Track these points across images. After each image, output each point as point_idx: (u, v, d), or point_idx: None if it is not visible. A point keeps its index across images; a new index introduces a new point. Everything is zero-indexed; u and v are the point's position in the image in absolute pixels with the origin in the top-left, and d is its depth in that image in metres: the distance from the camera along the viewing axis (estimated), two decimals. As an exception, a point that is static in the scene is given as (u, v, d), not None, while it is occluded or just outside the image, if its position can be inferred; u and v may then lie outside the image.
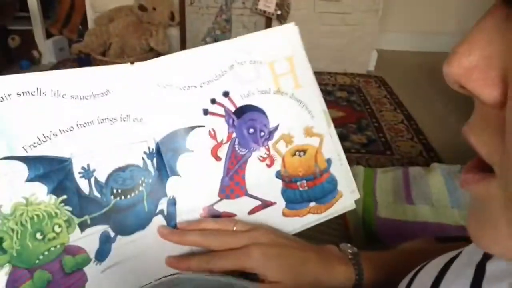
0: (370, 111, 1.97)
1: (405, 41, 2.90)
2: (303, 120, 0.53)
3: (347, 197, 0.54)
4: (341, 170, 0.54)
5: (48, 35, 2.42)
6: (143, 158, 0.46)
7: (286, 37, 0.54)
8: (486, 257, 0.34)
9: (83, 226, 0.41)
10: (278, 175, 0.51)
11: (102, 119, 0.44)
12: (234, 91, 0.50)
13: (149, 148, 0.47)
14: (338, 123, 1.81)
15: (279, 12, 2.31)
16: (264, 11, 2.32)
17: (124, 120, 0.46)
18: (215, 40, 2.44)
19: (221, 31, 2.42)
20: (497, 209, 0.20)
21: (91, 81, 0.45)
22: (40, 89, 0.42)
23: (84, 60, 2.16)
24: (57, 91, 0.43)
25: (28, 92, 0.41)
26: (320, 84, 0.57)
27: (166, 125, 0.48)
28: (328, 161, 0.54)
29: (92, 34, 2.17)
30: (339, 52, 2.43)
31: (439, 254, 0.43)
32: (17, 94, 0.40)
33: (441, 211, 0.98)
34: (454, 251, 0.42)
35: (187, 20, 2.38)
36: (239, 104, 0.51)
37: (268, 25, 2.37)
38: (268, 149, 0.51)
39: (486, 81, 0.19)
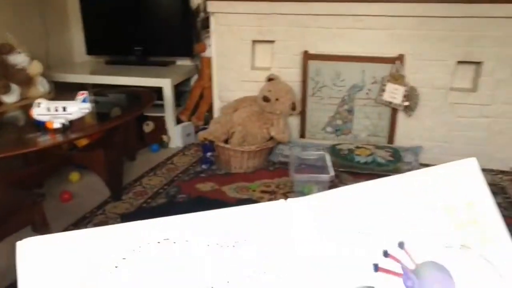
0: (521, 219, 1.66)
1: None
2: (493, 286, 0.39)
3: None
4: None
5: (178, 121, 2.59)
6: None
7: (465, 176, 0.43)
8: None
9: None
10: None
11: (252, 274, 0.36)
12: (411, 242, 0.38)
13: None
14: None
15: (406, 103, 2.18)
16: (390, 102, 2.21)
17: (277, 276, 0.36)
18: (336, 130, 2.37)
19: (342, 121, 2.35)
20: None
21: (237, 222, 0.38)
22: (181, 235, 0.36)
23: (207, 147, 2.23)
24: (203, 237, 0.36)
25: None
26: None
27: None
28: None
29: (217, 122, 2.26)
30: (477, 146, 2.17)
31: None
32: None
33: None
34: None
35: (308, 110, 2.37)
36: (418, 260, 0.38)
37: (393, 116, 2.25)
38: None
39: None
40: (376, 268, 0.38)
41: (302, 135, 2.42)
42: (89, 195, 1.91)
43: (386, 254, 0.38)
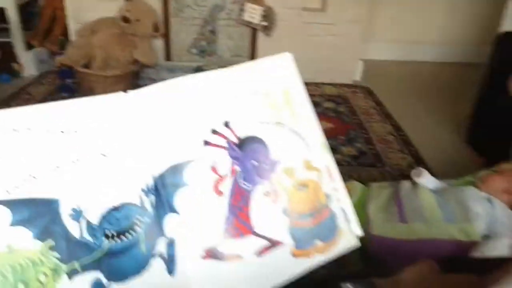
0: (359, 122, 1.96)
1: (390, 51, 2.91)
2: (302, 153, 0.51)
3: (349, 234, 0.51)
4: (341, 205, 0.52)
5: (29, 47, 2.35)
6: (140, 196, 0.42)
7: (282, 68, 0.53)
8: None
9: (71, 274, 0.38)
10: (285, 211, 0.48)
11: (94, 155, 0.41)
12: (235, 121, 0.48)
13: (146, 184, 0.43)
14: (327, 134, 1.77)
15: (264, 23, 2.29)
16: (250, 22, 2.30)
17: (118, 156, 0.42)
18: (201, 51, 2.40)
19: (207, 42, 2.39)
20: None
21: (82, 112, 0.42)
22: (24, 123, 0.39)
23: (66, 73, 2.10)
24: (44, 125, 0.40)
25: (10, 128, 0.38)
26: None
27: (164, 159, 0.44)
28: (328, 196, 0.51)
29: (75, 46, 2.12)
30: (325, 62, 2.42)
31: (442, 286, 0.41)
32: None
33: (435, 227, 0.97)
34: None
35: (171, 31, 2.34)
36: (241, 134, 0.48)
37: (253, 36, 2.35)
38: (272, 183, 0.48)
39: None
40: (206, 143, 0.46)
41: (168, 58, 2.41)
42: None
43: (214, 131, 0.46)
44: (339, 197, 0.52)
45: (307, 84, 0.55)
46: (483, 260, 0.86)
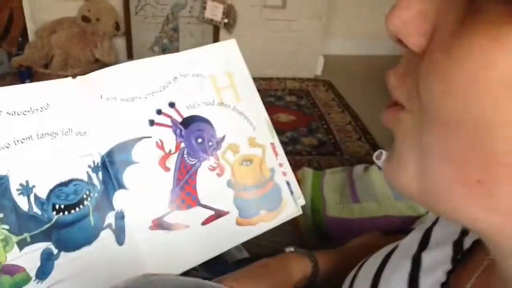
0: (320, 114, 2.03)
1: (349, 46, 3.00)
2: (246, 131, 0.54)
3: (293, 204, 0.55)
4: (285, 179, 0.56)
5: (-15, 48, 2.30)
6: (87, 172, 0.45)
7: (226, 53, 0.56)
8: (421, 248, 0.37)
9: (22, 244, 0.40)
10: (229, 184, 0.51)
11: (42, 134, 0.43)
12: (180, 102, 0.51)
13: (93, 161, 0.46)
14: (289, 127, 1.84)
15: (226, 21, 2.32)
16: (211, 20, 2.33)
17: (66, 134, 0.45)
18: (163, 49, 2.41)
19: (169, 40, 2.40)
20: (407, 144, 0.23)
21: (29, 96, 0.44)
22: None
23: (25, 74, 2.07)
24: None
25: None
26: (270, 89, 0.59)
27: (111, 138, 0.47)
28: (272, 171, 0.55)
29: (33, 46, 2.09)
30: (287, 58, 2.47)
31: (382, 247, 0.46)
32: None
33: (386, 204, 1.03)
34: (392, 243, 0.44)
35: (133, 30, 2.34)
36: (186, 114, 0.51)
37: (216, 33, 2.38)
38: (217, 159, 0.51)
39: (418, 32, 0.22)
40: (152, 123, 0.49)
41: (130, 56, 2.40)
42: None
43: (159, 112, 0.50)
44: (284, 171, 0.56)
45: (270, 79, 0.58)
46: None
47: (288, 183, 0.56)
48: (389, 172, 0.25)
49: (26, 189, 0.41)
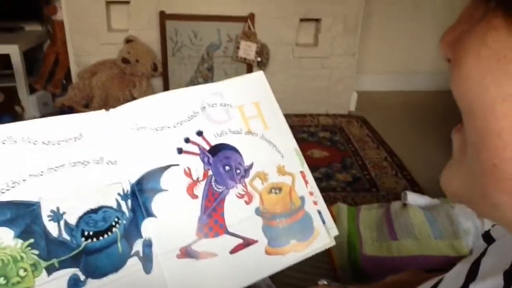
0: (354, 150, 2.00)
1: (382, 82, 2.99)
2: (274, 159, 0.54)
3: (326, 234, 0.54)
4: (317, 208, 0.54)
5: (33, 90, 2.44)
6: (117, 200, 0.45)
7: (253, 84, 0.57)
8: (469, 280, 0.34)
9: (50, 270, 0.40)
10: (258, 212, 0.50)
11: (74, 163, 0.44)
12: (207, 130, 0.51)
13: (123, 189, 0.46)
14: (322, 163, 1.82)
15: (259, 59, 2.37)
16: (245, 59, 2.39)
17: (98, 163, 0.46)
18: (198, 88, 2.48)
19: (204, 79, 2.46)
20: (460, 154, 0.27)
21: (63, 127, 0.46)
22: (11, 137, 0.43)
23: (67, 113, 2.16)
24: (28, 137, 0.44)
25: None
26: (303, 125, 0.59)
27: (140, 166, 0.48)
28: (302, 199, 0.54)
29: (75, 87, 2.20)
30: (320, 94, 2.48)
31: (422, 283, 0.43)
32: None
33: (425, 243, 0.98)
34: (436, 277, 0.41)
35: (169, 70, 2.43)
36: (213, 143, 0.51)
37: (249, 72, 2.43)
38: (245, 186, 0.51)
39: None
40: (180, 151, 0.49)
41: (166, 96, 2.48)
42: None
43: (187, 140, 0.50)
44: (315, 200, 0.55)
45: (303, 116, 0.59)
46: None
47: (319, 212, 0.55)
48: (445, 177, 0.29)
49: (56, 216, 0.42)
